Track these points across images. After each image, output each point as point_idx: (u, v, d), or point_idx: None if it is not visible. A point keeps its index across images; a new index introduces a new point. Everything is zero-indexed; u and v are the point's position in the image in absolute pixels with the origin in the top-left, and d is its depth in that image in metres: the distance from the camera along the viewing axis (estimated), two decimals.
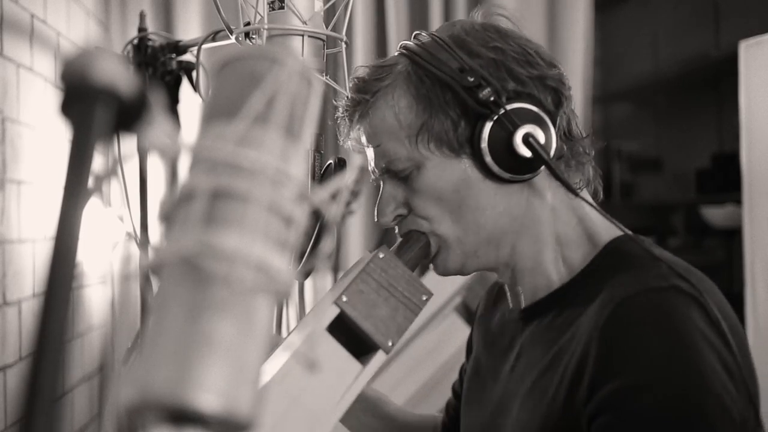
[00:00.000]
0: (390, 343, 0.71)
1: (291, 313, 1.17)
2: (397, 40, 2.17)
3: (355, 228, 2.19)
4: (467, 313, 1.68)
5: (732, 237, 2.54)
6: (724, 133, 2.89)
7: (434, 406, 1.64)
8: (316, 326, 0.71)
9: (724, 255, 2.80)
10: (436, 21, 2.20)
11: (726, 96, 2.46)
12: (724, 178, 2.59)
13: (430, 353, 1.62)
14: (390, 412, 1.03)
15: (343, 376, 0.70)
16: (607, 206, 0.86)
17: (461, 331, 1.65)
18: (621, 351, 0.68)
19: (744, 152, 1.89)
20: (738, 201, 2.00)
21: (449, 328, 1.65)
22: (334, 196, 0.44)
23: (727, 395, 0.66)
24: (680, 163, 3.17)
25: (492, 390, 0.87)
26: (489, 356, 0.92)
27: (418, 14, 2.24)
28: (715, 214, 2.65)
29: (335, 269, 1.96)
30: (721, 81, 2.74)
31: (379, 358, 0.71)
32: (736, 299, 1.85)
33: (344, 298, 0.71)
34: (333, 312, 0.70)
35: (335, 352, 0.70)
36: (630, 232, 0.81)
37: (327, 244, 0.47)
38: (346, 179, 0.45)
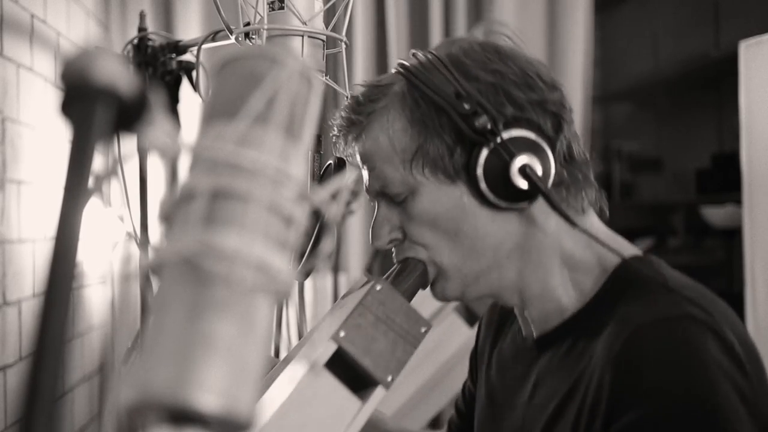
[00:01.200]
0: (389, 378, 0.70)
1: (291, 313, 1.17)
2: (397, 41, 2.17)
3: (355, 228, 2.19)
4: (467, 313, 1.68)
5: (732, 237, 2.54)
6: (724, 133, 2.89)
7: (434, 407, 1.64)
8: (315, 362, 0.69)
9: (724, 255, 2.80)
10: (436, 21, 2.20)
11: (726, 96, 2.46)
12: (724, 178, 2.59)
13: (430, 353, 1.62)
14: (390, 430, 1.01)
15: (343, 414, 0.69)
16: (607, 206, 0.85)
17: (461, 332, 1.64)
18: (636, 382, 0.68)
19: (744, 152, 1.89)
20: (738, 201, 2.00)
21: (449, 328, 1.65)
22: (334, 196, 0.44)
23: (742, 426, 0.65)
24: (680, 163, 3.17)
25: (509, 419, 0.86)
26: (503, 385, 0.90)
27: (418, 14, 2.23)
28: (715, 214, 2.65)
29: (335, 269, 1.96)
30: (721, 81, 2.74)
31: (378, 393, 0.70)
32: (736, 299, 1.84)
33: (342, 334, 0.69)
34: (331, 348, 0.69)
35: (334, 389, 0.69)
36: (639, 252, 0.80)
37: (327, 244, 0.47)
38: (346, 179, 0.45)
